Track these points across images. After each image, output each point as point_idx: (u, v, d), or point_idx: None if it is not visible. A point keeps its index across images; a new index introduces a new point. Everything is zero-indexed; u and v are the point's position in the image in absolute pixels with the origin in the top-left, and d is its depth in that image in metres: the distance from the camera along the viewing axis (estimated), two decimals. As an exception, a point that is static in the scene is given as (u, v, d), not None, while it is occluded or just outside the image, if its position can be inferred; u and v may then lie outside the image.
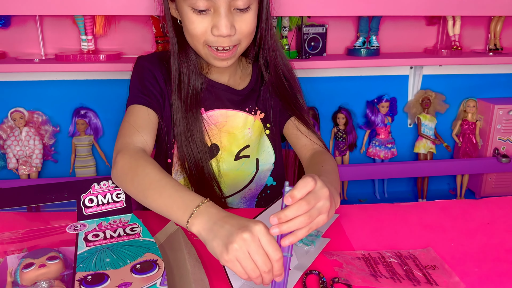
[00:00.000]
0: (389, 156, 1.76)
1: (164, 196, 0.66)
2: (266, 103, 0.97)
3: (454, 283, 0.69)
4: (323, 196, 0.58)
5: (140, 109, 0.85)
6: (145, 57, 0.94)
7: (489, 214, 0.90)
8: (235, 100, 0.94)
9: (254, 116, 0.96)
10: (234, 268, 0.55)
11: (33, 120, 1.53)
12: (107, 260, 0.60)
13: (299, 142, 0.94)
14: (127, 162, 0.74)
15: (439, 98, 1.73)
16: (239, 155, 0.95)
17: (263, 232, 0.54)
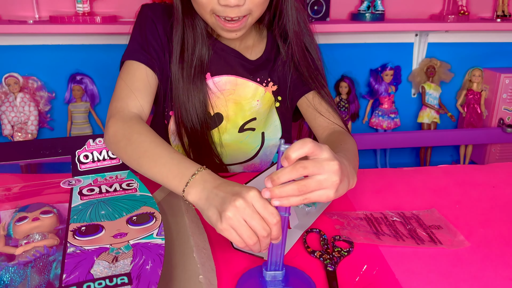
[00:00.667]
0: (392, 127, 1.73)
1: (159, 165, 0.63)
2: (281, 76, 0.88)
3: (459, 241, 0.67)
4: (328, 169, 0.50)
5: (138, 67, 0.79)
6: (149, 5, 0.86)
7: (494, 179, 0.89)
8: (246, 68, 0.85)
9: (266, 87, 0.87)
10: (231, 236, 0.53)
11: (28, 86, 1.50)
12: (102, 213, 0.58)
13: (317, 120, 0.84)
14: (120, 129, 0.71)
15: (444, 66, 1.69)
16: (243, 127, 0.90)
17: (256, 197, 0.51)
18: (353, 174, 0.61)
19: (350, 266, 0.60)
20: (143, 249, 0.50)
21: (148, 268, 0.46)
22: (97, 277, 0.44)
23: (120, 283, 0.43)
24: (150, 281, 0.44)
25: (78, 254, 0.49)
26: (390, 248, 0.65)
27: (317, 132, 0.86)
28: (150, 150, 0.66)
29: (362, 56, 1.69)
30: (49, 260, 0.53)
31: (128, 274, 0.45)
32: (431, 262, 0.62)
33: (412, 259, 0.62)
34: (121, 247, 0.50)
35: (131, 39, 0.84)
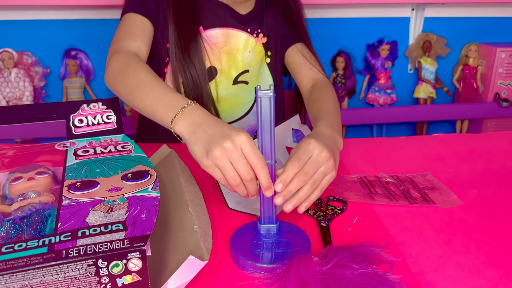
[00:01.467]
0: (388, 102, 1.73)
1: (151, 97, 0.65)
2: (269, 28, 0.93)
3: (451, 200, 0.68)
4: (323, 160, 0.57)
5: (134, 16, 0.83)
6: None
7: (488, 146, 0.89)
8: (237, 20, 0.89)
9: (256, 39, 0.91)
10: (215, 174, 0.54)
11: (23, 61, 1.48)
12: (97, 171, 0.59)
13: (301, 71, 0.91)
14: (119, 64, 0.73)
15: (440, 41, 1.68)
16: (237, 80, 0.92)
17: (245, 141, 0.52)
18: (338, 138, 0.67)
19: (343, 223, 0.61)
20: (138, 201, 0.50)
21: (143, 217, 0.46)
22: (92, 225, 0.45)
23: (115, 230, 0.44)
24: (145, 227, 0.44)
25: (73, 205, 0.49)
26: (384, 207, 0.66)
27: (301, 83, 0.92)
28: (144, 83, 0.68)
29: (359, 31, 1.67)
30: (45, 215, 0.53)
31: (123, 222, 0.45)
32: (424, 220, 0.62)
33: (405, 217, 0.63)
34: (116, 199, 0.50)
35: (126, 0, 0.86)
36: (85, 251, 0.40)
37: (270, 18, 0.92)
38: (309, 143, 0.57)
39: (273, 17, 0.93)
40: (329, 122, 0.69)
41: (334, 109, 0.77)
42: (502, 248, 0.55)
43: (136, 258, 0.41)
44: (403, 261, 0.53)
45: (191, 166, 0.73)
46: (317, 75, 0.90)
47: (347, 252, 0.49)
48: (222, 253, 0.55)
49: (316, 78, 0.89)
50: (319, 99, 0.81)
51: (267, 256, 0.52)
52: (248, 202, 0.67)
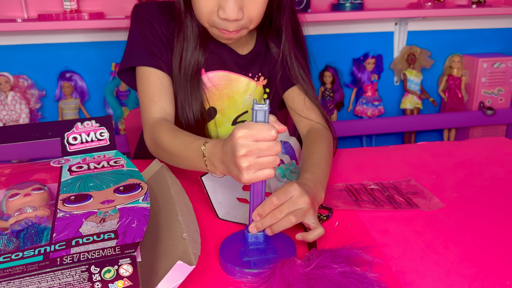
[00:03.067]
0: (376, 114, 1.77)
1: (183, 159, 0.70)
2: (270, 69, 0.92)
3: (434, 203, 0.71)
4: (301, 203, 0.60)
5: (149, 73, 0.83)
6: (143, 5, 0.87)
7: (470, 152, 0.93)
8: (239, 64, 0.89)
9: (257, 82, 0.91)
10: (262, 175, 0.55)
11: (19, 84, 1.52)
12: (91, 185, 0.61)
13: (298, 116, 0.90)
14: (150, 140, 0.80)
15: (424, 53, 1.73)
16: (236, 120, 0.93)
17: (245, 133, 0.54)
18: (320, 190, 0.69)
19: (329, 229, 0.64)
20: (130, 211, 0.52)
21: (134, 226, 0.49)
22: (85, 234, 0.47)
23: (107, 238, 0.46)
24: (136, 235, 0.47)
25: (68, 217, 0.51)
26: (368, 213, 0.68)
27: (299, 126, 0.91)
28: (173, 150, 0.72)
29: (345, 46, 1.73)
30: (40, 228, 0.56)
31: (114, 231, 0.48)
32: (407, 223, 0.65)
33: (388, 221, 0.66)
34: (109, 210, 0.53)
35: (133, 43, 0.85)
36: (79, 258, 0.42)
37: (271, 60, 0.91)
38: (291, 185, 0.61)
39: (273, 59, 0.91)
40: (314, 175, 0.70)
41: (323, 161, 0.76)
42: (479, 248, 0.58)
43: (127, 264, 0.43)
44: (384, 262, 0.55)
45: (181, 179, 0.76)
46: (314, 120, 0.88)
47: (329, 254, 0.52)
48: (211, 260, 0.57)
49: (312, 124, 0.87)
50: (310, 147, 0.80)
51: (254, 262, 0.54)
52: (237, 212, 0.70)
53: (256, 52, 0.90)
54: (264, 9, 0.78)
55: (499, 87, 1.77)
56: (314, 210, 0.62)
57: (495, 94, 1.76)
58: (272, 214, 0.58)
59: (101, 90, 1.61)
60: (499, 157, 0.89)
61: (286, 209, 0.59)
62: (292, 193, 0.60)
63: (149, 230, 0.61)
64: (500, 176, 0.80)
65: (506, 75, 1.75)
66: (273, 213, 0.58)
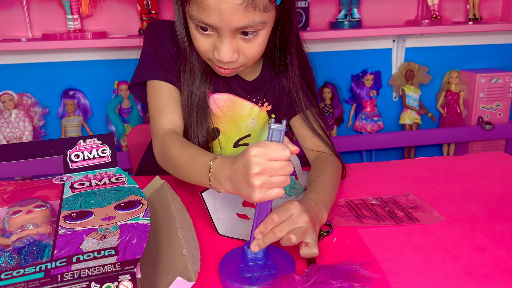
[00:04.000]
0: (375, 129, 1.78)
1: (190, 173, 0.70)
2: (276, 96, 0.92)
3: (434, 217, 0.72)
4: (301, 221, 0.60)
5: (161, 86, 0.84)
6: (156, 23, 0.89)
7: (469, 167, 0.93)
8: (244, 88, 0.90)
9: (261, 107, 0.92)
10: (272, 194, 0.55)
11: (22, 102, 1.54)
12: (92, 202, 0.62)
13: (306, 142, 0.91)
14: (159, 151, 0.81)
15: (422, 69, 1.75)
16: (238, 143, 0.94)
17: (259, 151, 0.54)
18: (323, 212, 0.68)
19: (329, 245, 0.64)
20: (130, 228, 0.53)
21: (134, 242, 0.50)
22: (86, 251, 0.48)
23: (107, 255, 0.47)
24: (136, 252, 0.47)
25: (69, 234, 0.52)
26: (367, 229, 0.68)
27: (307, 152, 0.91)
28: (181, 163, 0.73)
29: (344, 63, 1.75)
30: (42, 245, 0.56)
31: (115, 247, 0.48)
32: (405, 238, 0.65)
33: (386, 236, 0.66)
34: (109, 227, 0.54)
35: (146, 57, 0.87)
36: (79, 275, 0.43)
37: (277, 87, 0.92)
38: (292, 203, 0.62)
39: (278, 87, 0.92)
40: (317, 195, 0.71)
41: (328, 183, 0.77)
42: (477, 264, 0.58)
43: (127, 280, 0.44)
44: (383, 278, 0.55)
45: (182, 195, 0.77)
46: (321, 147, 0.89)
47: (327, 269, 0.52)
48: (211, 276, 0.57)
49: (321, 150, 0.89)
50: (317, 171, 0.81)
51: (254, 278, 0.55)
52: (237, 228, 0.70)
53: (261, 79, 0.91)
54: (262, 49, 0.77)
55: (497, 102, 1.78)
56: (313, 229, 0.62)
57: (494, 109, 1.78)
58: (272, 233, 0.59)
59: (104, 108, 1.63)
60: (498, 172, 0.90)
61: (286, 228, 0.59)
62: (292, 211, 0.61)
63: (149, 247, 0.62)
64: (499, 191, 0.81)
65: (504, 90, 1.77)
66: (274, 231, 0.59)
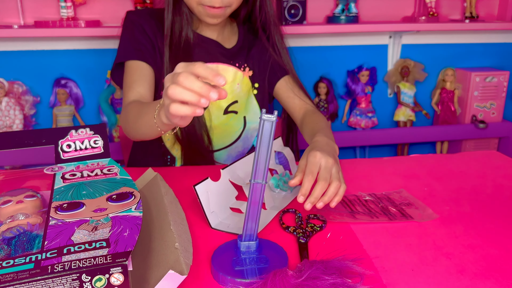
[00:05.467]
0: (369, 125, 1.78)
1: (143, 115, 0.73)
2: (255, 62, 1.00)
3: (428, 214, 0.72)
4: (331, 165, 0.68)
5: (133, 64, 0.90)
6: (134, 12, 0.97)
7: (463, 165, 0.94)
8: (225, 55, 0.97)
9: (243, 72, 0.99)
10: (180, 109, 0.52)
11: (13, 90, 1.51)
12: (84, 193, 0.61)
13: (293, 102, 1.00)
14: (123, 118, 0.84)
15: (418, 67, 1.75)
16: (227, 110, 0.98)
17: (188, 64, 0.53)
18: (334, 144, 0.78)
19: (322, 240, 0.64)
20: (122, 220, 0.52)
21: (126, 234, 0.49)
22: (77, 242, 0.47)
23: (98, 246, 0.46)
24: (127, 244, 0.47)
25: (60, 225, 0.51)
26: (361, 225, 0.68)
27: (293, 113, 1.01)
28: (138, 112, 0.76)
29: (339, 58, 1.75)
30: (32, 236, 0.55)
31: (106, 239, 0.48)
32: (399, 235, 0.65)
33: (380, 233, 0.66)
34: (101, 219, 0.53)
35: (121, 42, 0.93)
36: (70, 266, 0.42)
37: (256, 53, 1.01)
38: (315, 155, 0.68)
39: (259, 52, 1.01)
40: (324, 133, 0.80)
41: (326, 126, 0.89)
42: (470, 261, 0.58)
43: (118, 272, 0.43)
44: (375, 274, 0.55)
45: (175, 188, 0.76)
46: (307, 105, 0.99)
47: (320, 265, 0.52)
48: (203, 270, 0.57)
49: (307, 107, 0.99)
50: (313, 122, 0.91)
51: (246, 271, 0.54)
52: (230, 222, 0.70)
53: (240, 46, 0.99)
54: None
55: (491, 101, 1.79)
56: (338, 165, 0.70)
57: (487, 108, 1.79)
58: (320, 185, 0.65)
59: (96, 98, 1.61)
60: (491, 171, 0.90)
61: (327, 176, 0.66)
62: (319, 162, 0.67)
63: (141, 239, 0.61)
64: (492, 189, 0.81)
65: (498, 89, 1.78)
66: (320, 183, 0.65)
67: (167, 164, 1.00)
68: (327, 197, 0.66)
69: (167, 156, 1.00)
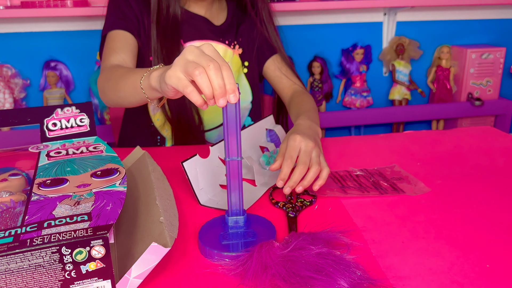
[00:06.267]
0: (364, 105, 1.77)
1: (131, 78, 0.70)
2: (244, 39, 0.99)
3: (420, 188, 0.71)
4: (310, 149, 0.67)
5: (117, 34, 0.88)
6: None
7: (456, 140, 0.93)
8: (214, 32, 0.95)
9: (233, 50, 0.97)
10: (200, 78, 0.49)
11: (2, 73, 1.49)
12: (68, 169, 0.60)
13: (281, 82, 0.99)
14: (103, 78, 0.81)
15: (413, 44, 1.73)
16: None
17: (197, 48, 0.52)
18: (317, 127, 0.76)
19: (311, 214, 0.63)
20: (105, 195, 0.51)
21: (109, 208, 0.48)
22: (58, 216, 0.46)
23: (80, 220, 0.45)
24: (109, 218, 0.46)
25: (42, 200, 0.50)
26: (351, 199, 0.68)
27: (281, 93, 1.00)
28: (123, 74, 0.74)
29: (333, 37, 1.72)
30: (15, 212, 0.54)
31: (88, 213, 0.47)
32: (389, 209, 0.65)
33: (370, 207, 0.65)
34: (84, 194, 0.52)
35: (107, 16, 0.91)
36: (49, 239, 0.41)
37: (245, 31, 0.99)
38: (295, 139, 0.67)
39: (248, 30, 0.99)
40: (308, 115, 0.79)
41: (312, 108, 0.87)
42: (461, 233, 0.58)
43: (99, 245, 0.42)
44: (364, 246, 0.55)
45: (164, 168, 0.75)
46: (295, 85, 0.98)
47: (307, 236, 0.51)
48: (190, 245, 0.56)
49: (295, 87, 0.98)
50: (299, 103, 0.90)
51: (233, 245, 0.54)
52: (219, 199, 0.69)
53: (229, 23, 0.98)
54: None
55: (487, 78, 1.77)
56: (319, 148, 0.69)
57: (484, 85, 1.77)
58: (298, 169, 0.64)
59: (87, 80, 1.59)
60: (485, 146, 0.89)
61: (306, 160, 0.65)
62: (299, 145, 0.66)
63: (127, 216, 0.60)
64: (486, 164, 0.80)
65: (494, 66, 1.76)
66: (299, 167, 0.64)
67: (157, 145, 0.99)
68: (306, 181, 0.64)
69: (156, 137, 0.99)
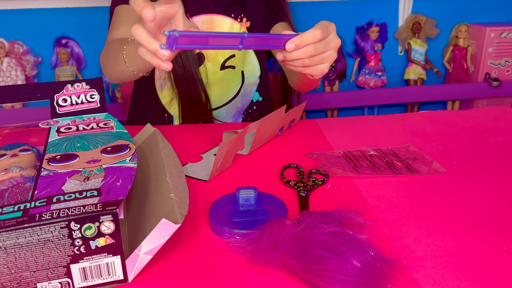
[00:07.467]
0: (379, 85, 1.73)
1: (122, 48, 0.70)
2: (252, 11, 0.95)
3: (435, 168, 0.69)
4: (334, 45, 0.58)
5: (121, 8, 0.87)
6: None
7: (473, 121, 0.90)
8: (220, 6, 0.92)
9: (240, 23, 0.94)
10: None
11: (14, 50, 1.49)
12: (78, 145, 0.60)
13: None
14: (102, 54, 0.80)
15: (430, 22, 1.68)
16: (224, 65, 0.94)
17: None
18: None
19: (323, 193, 0.62)
20: (115, 171, 0.51)
21: (119, 184, 0.47)
22: (67, 192, 0.46)
23: (89, 195, 0.45)
24: (119, 193, 0.45)
25: (51, 176, 0.50)
26: (364, 179, 0.66)
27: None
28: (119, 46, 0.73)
29: (348, 14, 1.67)
30: (26, 187, 0.54)
31: (98, 189, 0.46)
32: (403, 189, 0.63)
33: (383, 187, 0.64)
34: (94, 169, 0.51)
35: None
36: (58, 214, 0.41)
37: (253, 2, 0.96)
38: (331, 23, 0.60)
39: (255, 1, 0.96)
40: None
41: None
42: (476, 214, 0.56)
43: (108, 221, 0.42)
44: (377, 226, 0.54)
45: (174, 144, 0.74)
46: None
47: (319, 215, 0.50)
48: (201, 222, 0.56)
49: None
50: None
51: (244, 222, 0.53)
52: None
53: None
54: None
55: (506, 57, 1.72)
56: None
57: (502, 65, 1.71)
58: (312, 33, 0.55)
59: (98, 57, 1.58)
60: (502, 126, 0.87)
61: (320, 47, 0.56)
62: (331, 32, 0.58)
63: (138, 193, 0.60)
64: (502, 144, 0.78)
65: (514, 45, 1.70)
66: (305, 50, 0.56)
67: (165, 123, 0.98)
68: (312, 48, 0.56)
69: (164, 115, 0.98)
